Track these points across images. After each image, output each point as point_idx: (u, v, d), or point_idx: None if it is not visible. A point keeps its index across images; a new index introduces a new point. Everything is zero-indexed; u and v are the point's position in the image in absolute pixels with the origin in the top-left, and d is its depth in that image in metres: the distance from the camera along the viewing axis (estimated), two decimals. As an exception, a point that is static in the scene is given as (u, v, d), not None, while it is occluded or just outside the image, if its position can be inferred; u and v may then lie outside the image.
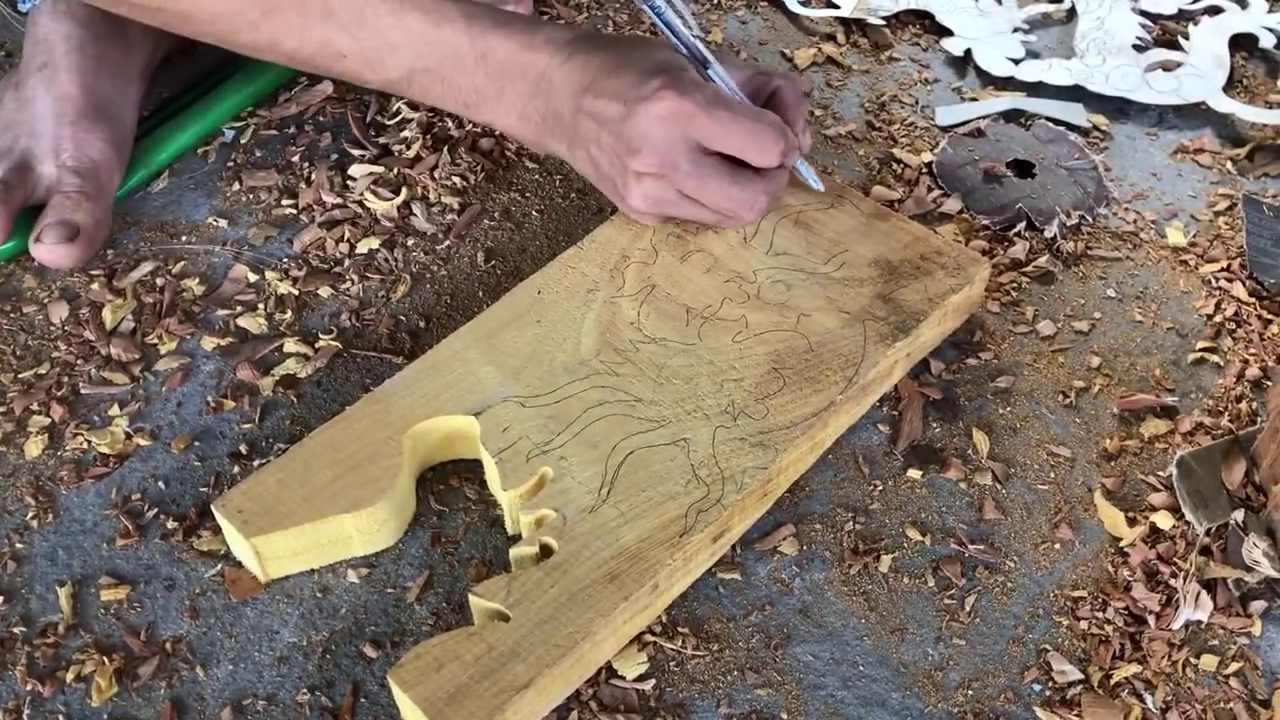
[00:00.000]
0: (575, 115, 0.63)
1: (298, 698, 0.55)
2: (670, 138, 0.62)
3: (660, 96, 0.61)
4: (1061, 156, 0.82)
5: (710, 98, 0.62)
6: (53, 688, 0.55)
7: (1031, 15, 0.96)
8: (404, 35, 0.62)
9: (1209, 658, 0.57)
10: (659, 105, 0.61)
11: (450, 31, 0.62)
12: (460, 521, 0.62)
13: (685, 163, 0.63)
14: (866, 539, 0.62)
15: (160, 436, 0.65)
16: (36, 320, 0.71)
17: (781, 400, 0.62)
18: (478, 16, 0.63)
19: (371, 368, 0.69)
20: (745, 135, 0.62)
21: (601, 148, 0.64)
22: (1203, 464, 0.63)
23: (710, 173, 0.64)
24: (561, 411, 0.61)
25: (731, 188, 0.64)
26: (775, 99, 0.68)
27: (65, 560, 0.60)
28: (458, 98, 0.65)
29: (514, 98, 0.64)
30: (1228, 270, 0.75)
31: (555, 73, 0.63)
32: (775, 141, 0.63)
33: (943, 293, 0.67)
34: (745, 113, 0.63)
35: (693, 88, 0.62)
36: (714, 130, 0.62)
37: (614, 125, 0.62)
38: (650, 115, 0.61)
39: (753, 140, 0.63)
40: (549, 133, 0.65)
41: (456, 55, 0.63)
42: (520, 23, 0.64)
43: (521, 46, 0.63)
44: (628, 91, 0.62)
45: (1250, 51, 0.93)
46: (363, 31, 0.62)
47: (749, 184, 0.65)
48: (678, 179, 0.64)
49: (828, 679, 0.57)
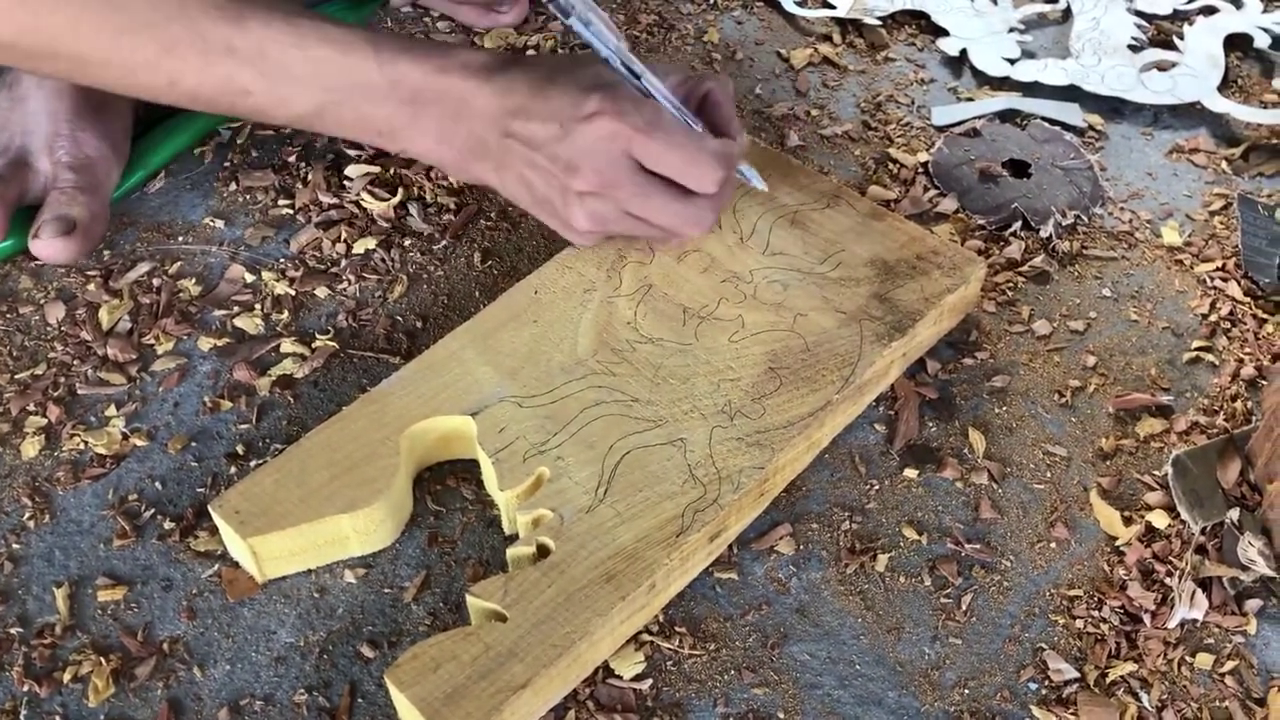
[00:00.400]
0: (503, 139, 0.62)
1: (295, 698, 0.55)
2: (611, 155, 0.61)
3: (598, 117, 0.60)
4: (1057, 156, 0.83)
5: (649, 119, 0.61)
6: (50, 688, 0.55)
7: (1027, 15, 0.96)
8: (310, 67, 0.60)
9: (1204, 656, 0.57)
10: (597, 125, 0.60)
11: (358, 60, 0.60)
12: (457, 522, 0.62)
13: (628, 180, 0.62)
14: (863, 538, 0.62)
15: (157, 437, 0.65)
16: (33, 321, 0.71)
17: (778, 400, 0.62)
18: (385, 43, 0.61)
19: (368, 368, 0.69)
20: (684, 163, 0.62)
21: (537, 170, 0.63)
22: (1198, 463, 0.64)
23: (654, 190, 0.63)
24: (558, 411, 0.61)
25: (676, 204, 0.64)
26: (708, 102, 0.67)
27: (62, 561, 0.60)
28: (371, 127, 0.63)
29: (430, 124, 0.62)
30: (1223, 270, 0.76)
31: (474, 97, 0.62)
32: (714, 169, 0.62)
33: (939, 292, 0.67)
34: (684, 139, 0.62)
35: (630, 107, 0.61)
36: (652, 153, 0.61)
37: (550, 147, 0.61)
38: (589, 135, 0.60)
39: (691, 168, 0.62)
40: (472, 158, 0.64)
41: (366, 84, 0.61)
42: (430, 47, 0.62)
43: (434, 71, 0.61)
44: (562, 112, 0.61)
45: (1245, 51, 0.93)
46: (267, 65, 0.60)
47: (696, 200, 0.64)
48: (621, 196, 0.63)
49: (824, 678, 0.57)
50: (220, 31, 0.59)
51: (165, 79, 0.60)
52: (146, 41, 0.58)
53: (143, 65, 0.59)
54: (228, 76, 0.60)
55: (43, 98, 0.73)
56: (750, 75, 0.89)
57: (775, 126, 0.85)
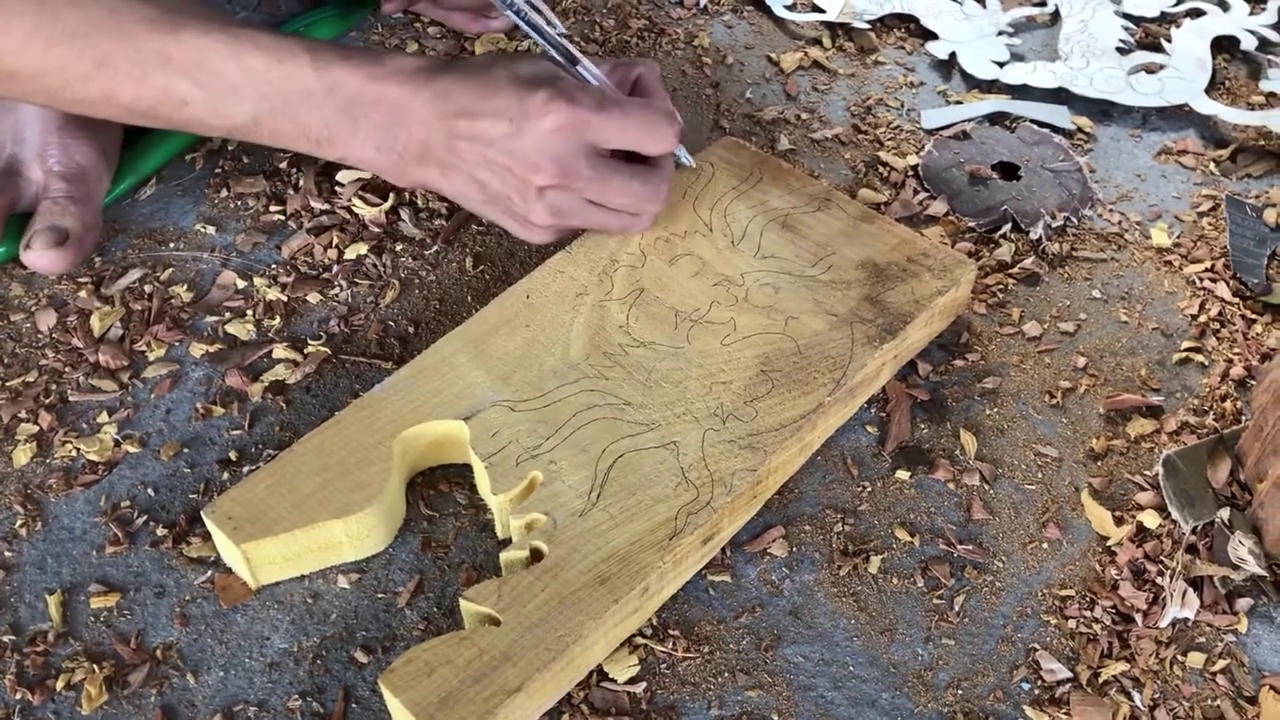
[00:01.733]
0: (450, 140, 0.62)
1: (289, 704, 0.55)
2: (568, 146, 0.62)
3: (550, 108, 0.61)
4: (1046, 159, 0.83)
5: (598, 99, 0.62)
6: (42, 696, 0.55)
7: (1016, 19, 0.96)
8: (246, 76, 0.60)
9: (1196, 655, 0.58)
10: (551, 117, 0.61)
11: (294, 67, 0.61)
12: (450, 526, 0.62)
13: (586, 168, 0.63)
14: (855, 540, 0.62)
15: (149, 444, 0.65)
16: (24, 328, 0.71)
17: (770, 403, 0.62)
18: (321, 50, 0.61)
19: (360, 373, 0.69)
20: (641, 128, 0.63)
21: (491, 169, 0.63)
22: (1188, 463, 0.64)
23: (611, 173, 0.64)
24: (551, 415, 0.61)
25: (633, 183, 0.65)
26: (639, 85, 0.69)
27: (54, 568, 0.60)
28: (310, 135, 0.63)
29: (369, 130, 0.62)
30: (1212, 271, 0.76)
31: (412, 102, 0.62)
32: (669, 126, 0.64)
33: (929, 295, 0.67)
34: (634, 106, 0.63)
35: (578, 93, 0.62)
36: (610, 130, 0.62)
37: (503, 144, 0.62)
38: (544, 128, 0.61)
39: (649, 131, 0.64)
40: (414, 163, 0.64)
41: (303, 91, 0.61)
42: (365, 54, 0.63)
43: (369, 77, 0.61)
44: (511, 109, 0.61)
45: (1232, 54, 0.93)
46: (203, 75, 0.60)
47: (648, 177, 0.66)
48: (580, 185, 0.63)
49: (818, 680, 0.57)
50: (155, 42, 0.59)
51: (100, 92, 0.60)
52: (79, 53, 0.58)
53: (77, 78, 0.59)
54: (164, 88, 0.60)
55: (33, 105, 0.73)
56: (740, 79, 0.90)
57: (766, 130, 0.85)
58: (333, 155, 0.64)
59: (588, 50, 0.90)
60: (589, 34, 0.92)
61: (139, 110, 0.61)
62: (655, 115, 0.64)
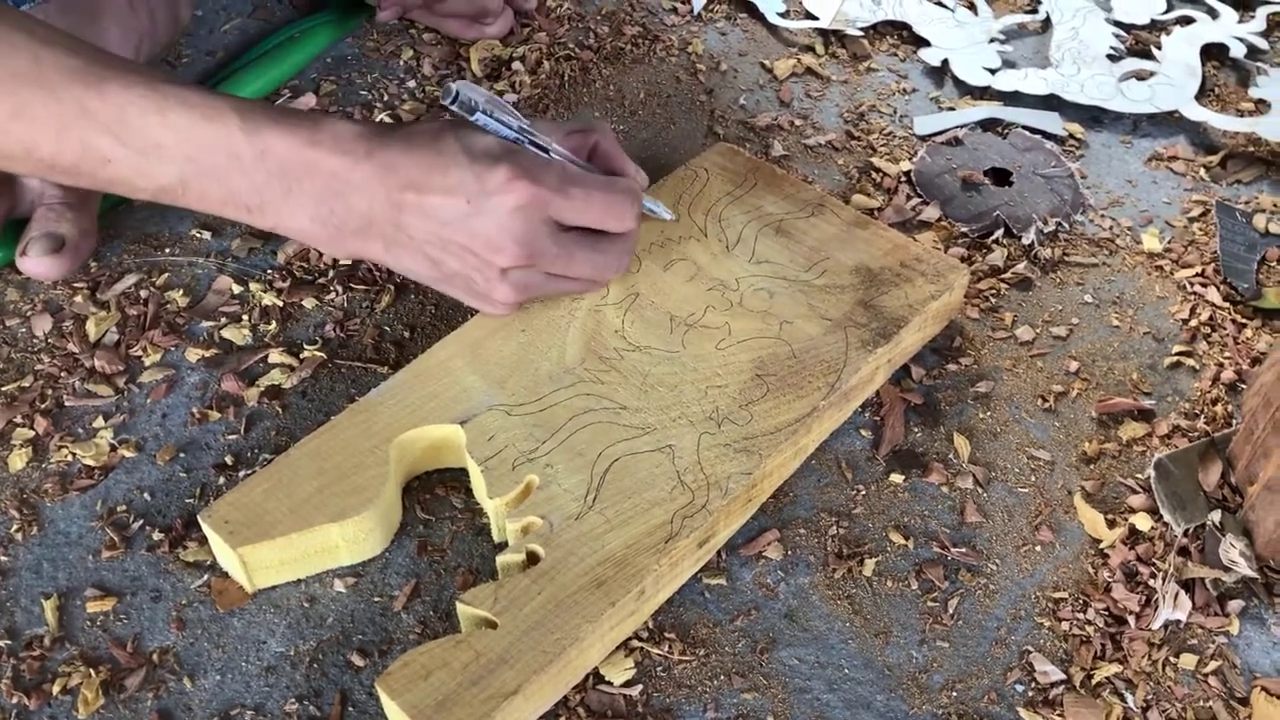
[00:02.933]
0: (397, 215, 0.59)
1: (286, 707, 0.55)
2: (530, 224, 0.60)
3: (511, 187, 0.59)
4: (1038, 164, 0.84)
5: (560, 176, 0.61)
6: (39, 701, 0.55)
7: (1007, 26, 0.97)
8: (172, 134, 0.57)
9: (1188, 657, 0.58)
10: (512, 196, 0.59)
11: (223, 128, 0.57)
12: (447, 530, 0.62)
13: (549, 245, 0.61)
14: (850, 543, 0.62)
15: (145, 448, 0.65)
16: (20, 333, 0.71)
17: (765, 406, 0.62)
18: (252, 111, 0.58)
19: (356, 378, 0.69)
20: (603, 208, 0.62)
21: (447, 248, 0.60)
22: (1180, 466, 0.64)
23: (574, 248, 0.63)
24: (547, 419, 0.61)
25: (596, 255, 0.64)
26: (597, 152, 0.67)
27: (50, 573, 0.60)
28: (240, 201, 0.59)
29: (303, 198, 0.59)
30: (1202, 275, 0.77)
31: (352, 172, 0.58)
32: (630, 206, 0.63)
33: (923, 299, 0.68)
34: (596, 186, 0.62)
35: (539, 170, 0.60)
36: (572, 210, 0.61)
37: (461, 223, 0.59)
38: (506, 208, 0.59)
39: (610, 210, 0.63)
40: (353, 237, 0.60)
41: (232, 153, 0.57)
42: (301, 118, 0.59)
43: (303, 143, 0.58)
44: (468, 186, 0.58)
45: (1221, 61, 0.94)
46: (126, 132, 0.56)
47: (612, 246, 0.65)
48: (545, 263, 0.62)
49: (813, 682, 0.57)
50: (76, 95, 0.56)
51: (19, 145, 0.57)
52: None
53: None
54: (85, 144, 0.57)
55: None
56: (734, 86, 0.90)
57: (760, 136, 0.86)
58: (265, 224, 0.60)
59: (581, 58, 0.91)
60: (583, 41, 0.92)
61: (61, 166, 0.58)
62: (617, 195, 0.63)
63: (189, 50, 0.90)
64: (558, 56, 0.90)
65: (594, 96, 0.88)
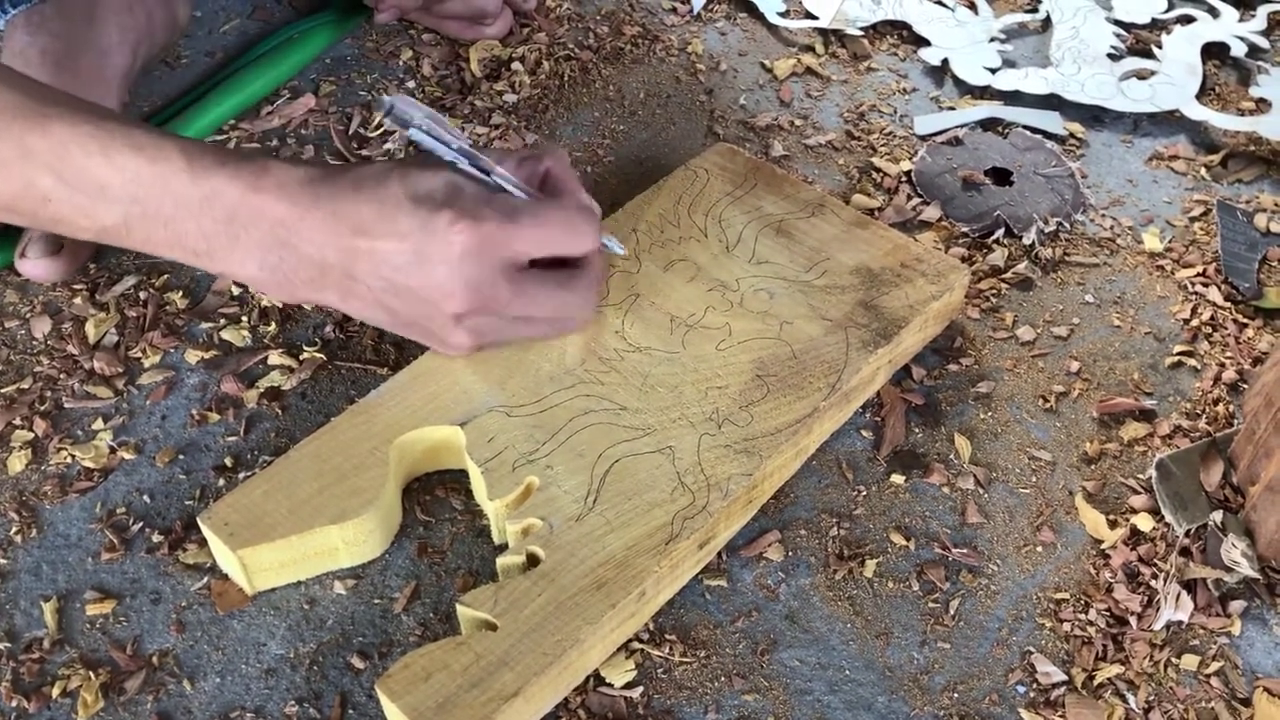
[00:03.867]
0: (349, 263, 0.57)
1: (286, 710, 0.55)
2: (481, 267, 0.57)
3: (455, 230, 0.56)
4: (1039, 164, 0.83)
5: (505, 211, 0.57)
6: (38, 704, 0.55)
7: (1008, 25, 0.97)
8: (116, 175, 0.55)
9: (1190, 657, 0.58)
10: (458, 239, 0.56)
11: (168, 170, 0.55)
12: (447, 532, 0.62)
13: (504, 288, 0.58)
14: (851, 544, 0.62)
15: (145, 450, 0.65)
16: (19, 335, 0.71)
17: (765, 407, 0.62)
18: (199, 154, 0.56)
19: (356, 379, 0.69)
20: (558, 232, 0.59)
21: (399, 295, 0.58)
22: (1181, 466, 0.64)
23: (535, 288, 0.60)
24: (547, 421, 0.61)
25: (560, 293, 0.61)
26: (549, 178, 0.64)
27: (50, 575, 0.60)
28: (187, 245, 0.57)
29: (250, 245, 0.57)
30: (1203, 275, 0.76)
31: (299, 220, 0.56)
32: (588, 224, 0.60)
33: (923, 300, 0.68)
34: (547, 210, 0.59)
35: (483, 207, 0.57)
36: (525, 243, 0.58)
37: (408, 271, 0.56)
38: (453, 254, 0.56)
39: (566, 233, 0.59)
40: (306, 284, 0.58)
41: (178, 197, 0.55)
42: (245, 161, 0.57)
43: (248, 188, 0.56)
44: (413, 232, 0.56)
45: (1222, 60, 0.94)
46: (68, 171, 0.55)
47: (575, 282, 0.62)
48: (500, 306, 0.59)
49: (814, 684, 0.57)
50: (17, 131, 0.54)
51: None
52: None
53: None
54: (27, 182, 0.55)
55: None
56: (734, 86, 0.90)
57: (760, 136, 0.86)
58: (213, 269, 0.59)
59: (585, 60, 0.90)
60: (583, 41, 0.92)
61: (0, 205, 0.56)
62: (570, 215, 0.59)
63: (188, 51, 0.90)
64: (557, 57, 0.90)
65: (593, 97, 0.88)
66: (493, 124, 0.85)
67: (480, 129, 0.84)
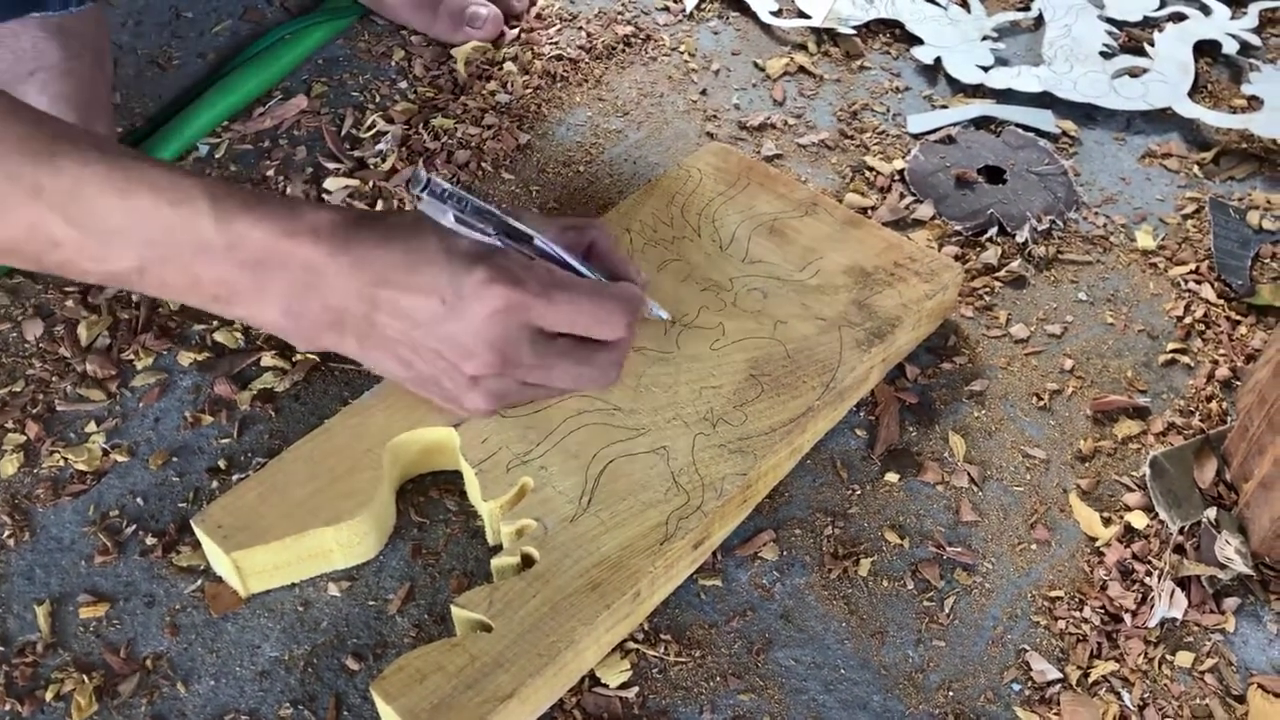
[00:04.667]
0: (371, 312, 0.55)
1: (280, 712, 0.55)
2: (507, 331, 0.55)
3: (488, 290, 0.54)
4: (1032, 162, 0.83)
5: (544, 280, 0.56)
6: (32, 707, 0.55)
7: (1000, 23, 0.97)
8: (132, 218, 0.51)
9: (1184, 654, 0.58)
10: (489, 300, 0.54)
11: (190, 214, 0.52)
12: (441, 533, 0.62)
13: (527, 354, 0.56)
14: (846, 543, 0.62)
15: (138, 453, 0.65)
16: (11, 338, 0.70)
17: (760, 407, 0.62)
18: (223, 196, 0.53)
19: (349, 381, 0.69)
20: (591, 316, 0.57)
21: (418, 350, 0.56)
22: (1175, 463, 0.64)
23: (555, 359, 0.58)
24: (541, 421, 0.61)
25: (580, 368, 0.59)
26: (594, 252, 0.62)
27: (43, 579, 0.60)
28: (205, 291, 0.54)
29: (276, 292, 0.54)
30: (1196, 273, 0.77)
31: (328, 265, 0.53)
32: (622, 315, 0.58)
33: (917, 298, 0.68)
34: (586, 290, 0.57)
35: (522, 272, 0.55)
36: (556, 316, 0.56)
37: (433, 326, 0.55)
38: (481, 312, 0.54)
39: (598, 318, 0.57)
40: (326, 331, 0.56)
41: (199, 242, 0.52)
42: (275, 205, 0.54)
43: (280, 234, 0.53)
44: (444, 287, 0.54)
45: (1214, 57, 0.94)
46: (80, 213, 0.50)
47: (598, 358, 0.59)
48: (520, 373, 0.57)
49: (810, 683, 0.57)
50: (26, 169, 0.49)
51: None
52: None
53: None
54: (34, 223, 0.50)
55: None
56: (727, 85, 0.90)
57: (753, 135, 0.86)
58: (230, 314, 0.56)
59: (577, 59, 0.90)
60: (575, 40, 0.92)
61: (3, 249, 0.52)
62: (607, 302, 0.57)
63: (179, 53, 0.90)
64: (549, 56, 0.90)
65: (586, 97, 0.88)
66: (485, 124, 0.84)
67: (473, 129, 0.84)
